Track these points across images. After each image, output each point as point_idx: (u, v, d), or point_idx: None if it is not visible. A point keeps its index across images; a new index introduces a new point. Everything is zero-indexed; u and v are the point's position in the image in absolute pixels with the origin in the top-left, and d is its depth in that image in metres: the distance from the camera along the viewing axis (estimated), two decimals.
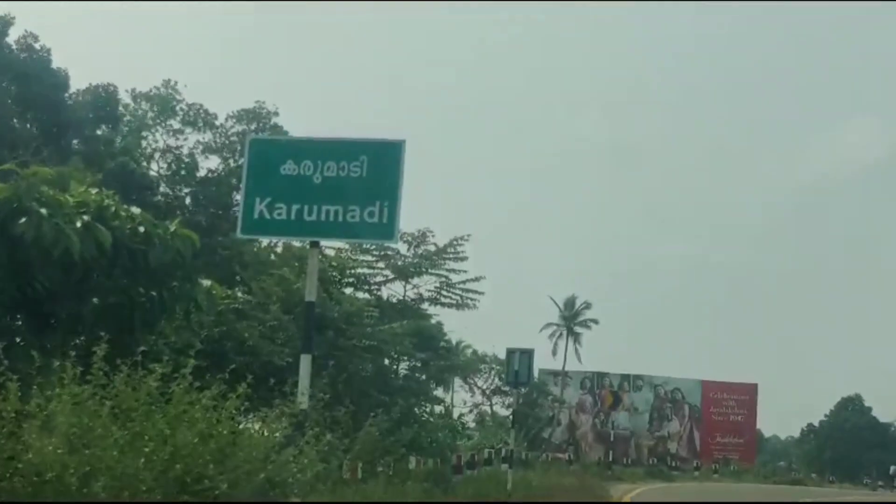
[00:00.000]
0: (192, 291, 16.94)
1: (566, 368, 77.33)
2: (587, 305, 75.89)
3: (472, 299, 33.13)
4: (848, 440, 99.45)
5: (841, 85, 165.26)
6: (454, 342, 63.29)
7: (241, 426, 8.92)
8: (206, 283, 17.47)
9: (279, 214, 10.93)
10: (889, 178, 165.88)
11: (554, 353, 75.67)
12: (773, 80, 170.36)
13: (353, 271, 32.31)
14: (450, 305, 33.40)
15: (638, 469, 54.01)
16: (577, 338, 75.92)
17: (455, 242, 32.65)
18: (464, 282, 32.93)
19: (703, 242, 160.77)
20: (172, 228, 16.21)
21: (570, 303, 76.15)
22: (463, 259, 32.89)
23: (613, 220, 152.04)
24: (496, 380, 65.17)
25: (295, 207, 10.93)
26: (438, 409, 51.29)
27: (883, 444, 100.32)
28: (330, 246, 32.76)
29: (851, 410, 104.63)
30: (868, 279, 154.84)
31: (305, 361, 10.74)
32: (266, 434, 8.99)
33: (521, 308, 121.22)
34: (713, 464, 68.62)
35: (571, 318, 75.55)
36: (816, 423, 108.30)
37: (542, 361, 75.86)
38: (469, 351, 71.43)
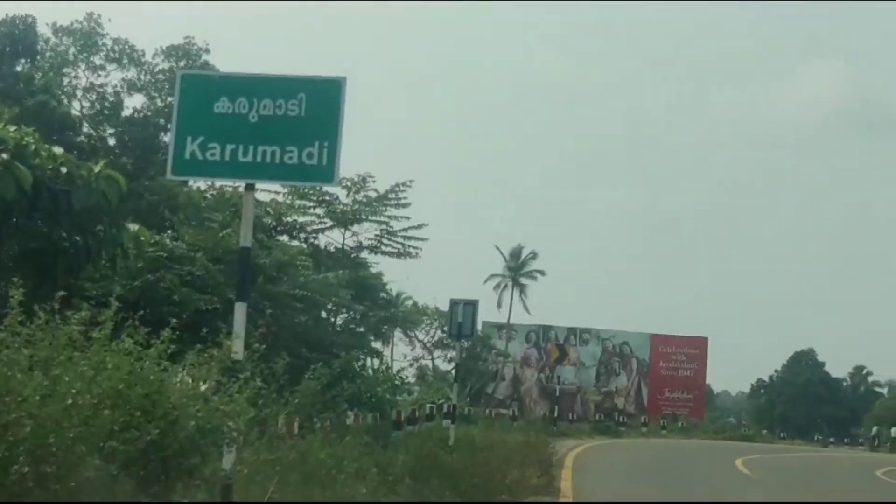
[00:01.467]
0: (118, 237, 16.83)
1: (511, 321, 77.80)
2: (533, 256, 76.40)
3: (414, 248, 33.23)
4: (800, 395, 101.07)
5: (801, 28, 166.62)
6: (394, 293, 63.59)
7: (167, 373, 8.87)
8: (134, 227, 17.37)
9: (212, 155, 10.76)
10: (852, 124, 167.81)
11: (499, 305, 76.21)
12: (733, 20, 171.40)
13: (289, 218, 32.18)
14: (391, 254, 33.45)
15: (584, 425, 54.65)
16: (522, 289, 76.41)
17: (397, 188, 32.62)
18: (405, 229, 32.95)
19: (654, 192, 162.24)
20: (97, 170, 16.05)
21: (515, 253, 76.53)
22: (405, 206, 32.92)
23: (562, 168, 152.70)
24: (438, 333, 65.36)
25: (229, 147, 10.77)
26: (377, 363, 51.60)
27: (835, 400, 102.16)
28: (265, 190, 32.64)
29: (804, 365, 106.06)
30: (823, 231, 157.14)
31: (240, 310, 10.68)
32: (193, 381, 8.96)
33: (464, 259, 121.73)
34: (661, 420, 69.56)
35: (517, 269, 75.93)
36: (767, 379, 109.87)
37: (487, 314, 76.21)
38: (410, 303, 71.66)
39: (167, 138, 45.25)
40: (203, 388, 9.27)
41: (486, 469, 18.13)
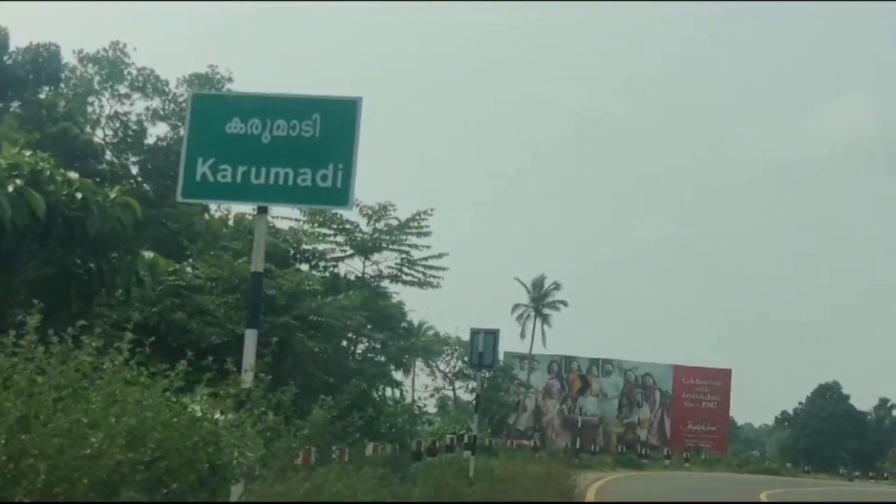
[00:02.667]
0: (133, 264, 16.54)
1: (533, 352, 77.16)
2: (556, 286, 75.73)
3: (435, 277, 32.74)
4: (824, 429, 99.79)
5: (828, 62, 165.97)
6: (416, 323, 63.15)
7: (183, 408, 8.45)
8: (149, 255, 17.07)
9: (223, 177, 10.40)
10: (874, 158, 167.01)
11: (522, 335, 75.54)
12: (758, 55, 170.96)
13: (308, 246, 31.84)
14: (412, 283, 32.98)
15: (606, 457, 53.96)
16: (545, 320, 75.75)
17: (418, 217, 32.16)
18: (426, 258, 32.48)
19: (679, 225, 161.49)
20: (112, 196, 15.78)
21: (538, 283, 75.92)
22: (426, 234, 32.44)
23: (586, 198, 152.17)
24: (459, 363, 64.84)
25: (241, 169, 10.41)
26: (397, 393, 51.13)
27: (860, 434, 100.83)
28: (284, 217, 32.35)
29: (829, 398, 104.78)
30: (848, 265, 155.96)
31: (251, 337, 10.33)
32: (208, 416, 8.54)
33: (487, 289, 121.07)
34: (684, 452, 68.74)
35: (540, 300, 75.32)
36: (791, 411, 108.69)
37: (509, 344, 75.75)
38: (431, 332, 71.16)
39: None
40: (220, 419, 8.88)
41: (506, 501, 17.68)
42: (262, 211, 11.04)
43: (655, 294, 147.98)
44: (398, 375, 56.85)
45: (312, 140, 10.48)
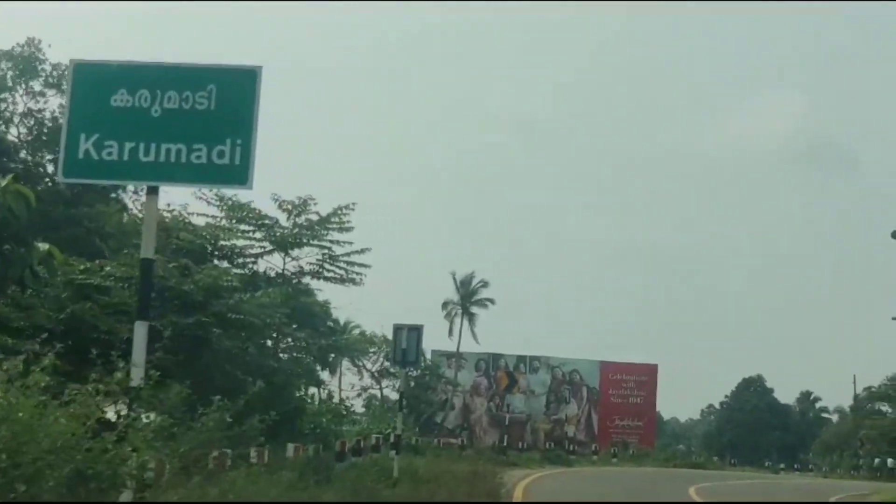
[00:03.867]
0: (27, 255, 15.37)
1: (461, 350, 76.43)
2: (484, 284, 75.01)
3: (357, 273, 31.72)
4: (748, 421, 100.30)
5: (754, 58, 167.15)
6: (342, 322, 62.03)
7: (47, 406, 7.40)
8: (44, 246, 15.88)
9: (109, 154, 9.32)
10: (800, 156, 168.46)
11: (450, 333, 74.71)
12: (685, 52, 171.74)
13: (226, 242, 30.70)
14: (333, 280, 31.92)
15: (534, 454, 53.22)
16: (472, 318, 74.99)
17: (340, 211, 31.14)
18: (348, 254, 31.47)
19: (605, 223, 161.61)
20: (3, 184, 14.63)
21: (466, 281, 75.14)
22: (348, 229, 31.43)
23: (513, 197, 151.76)
24: (386, 361, 63.90)
25: (128, 146, 9.34)
26: (324, 392, 50.00)
27: (783, 426, 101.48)
28: (202, 214, 31.15)
29: (753, 391, 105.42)
30: (772, 261, 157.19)
31: (141, 330, 9.27)
32: (77, 415, 7.49)
33: (414, 287, 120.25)
34: (612, 447, 68.36)
35: (467, 298, 74.54)
36: (717, 405, 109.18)
37: (437, 342, 75.02)
38: (357, 331, 70.08)
39: None
40: (109, 418, 7.85)
41: (430, 502, 16.75)
42: (153, 191, 9.95)
43: (582, 292, 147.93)
44: (325, 375, 56.03)
45: (207, 113, 9.45)
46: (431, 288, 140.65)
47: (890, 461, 72.76)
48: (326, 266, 31.62)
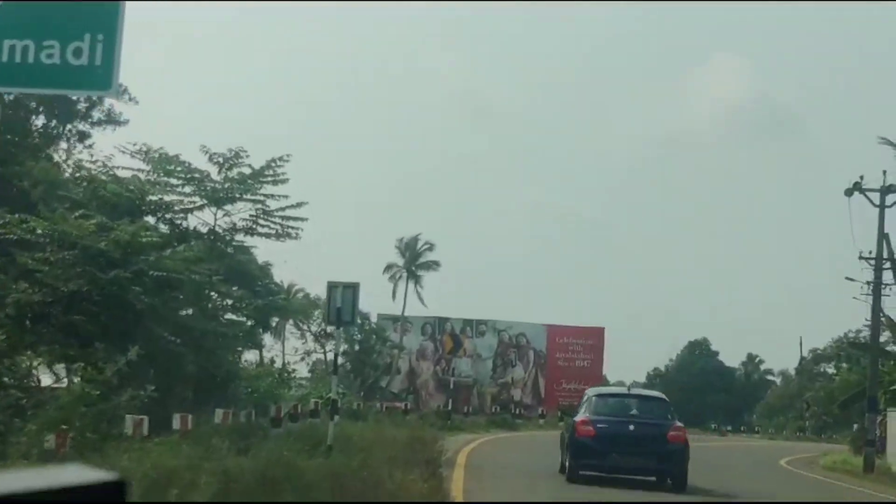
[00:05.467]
0: None
1: (407, 314, 74.84)
2: (429, 247, 73.34)
3: (293, 228, 29.70)
4: (694, 384, 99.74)
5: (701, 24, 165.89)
6: (285, 285, 60.06)
7: None
8: None
9: None
10: (746, 121, 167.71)
11: (394, 296, 72.97)
12: (631, 20, 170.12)
13: (153, 197, 28.63)
14: (268, 235, 29.89)
15: (480, 418, 51.63)
16: (418, 281, 73.31)
17: (273, 164, 29.12)
18: (283, 208, 29.45)
19: (553, 190, 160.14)
20: None
21: (411, 244, 73.41)
22: (283, 181, 29.41)
23: (461, 162, 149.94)
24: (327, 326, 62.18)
25: None
26: (258, 355, 48.16)
27: (728, 389, 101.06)
28: (126, 168, 29.07)
29: (698, 354, 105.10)
30: (717, 226, 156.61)
31: None
32: None
33: (358, 251, 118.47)
34: (558, 411, 66.97)
35: (412, 260, 72.80)
36: (663, 368, 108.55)
37: (382, 306, 73.61)
38: (301, 294, 68.18)
39: (39, 122, 41.64)
40: None
41: (362, 474, 14.94)
42: None
43: (529, 256, 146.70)
44: (269, 339, 54.05)
45: (61, 4, 7.50)
46: (377, 251, 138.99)
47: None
48: (261, 221, 29.60)
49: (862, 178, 35.97)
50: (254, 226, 29.70)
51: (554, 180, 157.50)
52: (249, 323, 38.02)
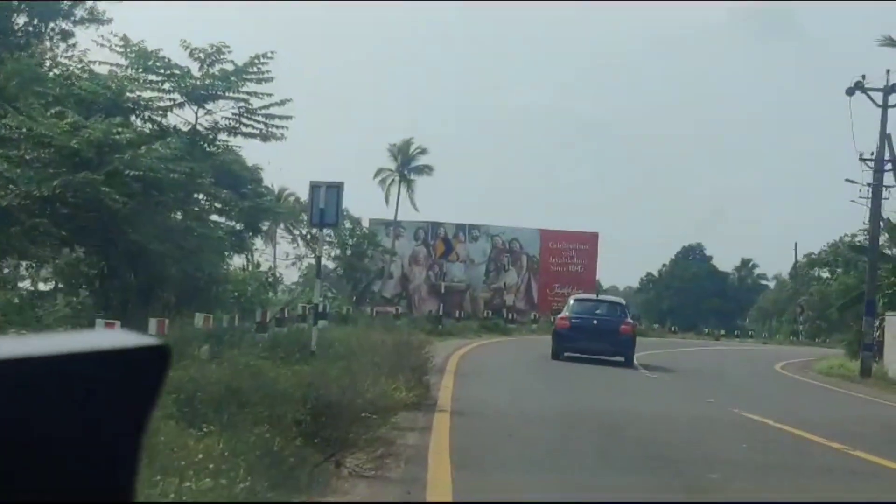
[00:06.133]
0: None
1: (400, 219, 73.82)
2: (422, 150, 72.01)
3: (278, 127, 28.43)
4: (688, 289, 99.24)
5: None
6: (276, 189, 58.84)
7: None
8: None
9: None
10: (741, 21, 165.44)
11: (386, 200, 71.82)
12: None
13: (132, 94, 27.38)
14: (252, 135, 28.65)
15: (472, 323, 50.78)
16: (410, 185, 72.06)
17: (257, 61, 27.77)
18: (267, 106, 28.15)
19: (547, 92, 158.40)
20: None
21: (403, 148, 72.02)
22: (267, 80, 28.09)
23: (452, 66, 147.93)
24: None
25: None
26: (247, 259, 47.17)
27: (721, 293, 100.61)
28: (104, 63, 27.82)
29: (692, 259, 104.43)
30: (713, 130, 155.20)
31: None
32: None
33: (350, 154, 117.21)
34: (551, 315, 66.25)
35: (405, 164, 71.47)
36: (656, 273, 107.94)
37: (374, 211, 72.67)
38: (293, 199, 67.10)
39: (21, 20, 40.20)
40: None
41: (343, 381, 13.98)
42: None
43: (523, 161, 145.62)
44: (259, 243, 52.95)
45: None
46: (370, 156, 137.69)
47: None
48: (244, 120, 28.32)
49: (864, 76, 34.79)
50: (237, 125, 28.46)
51: (549, 82, 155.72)
52: (238, 227, 37.04)
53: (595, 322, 30.93)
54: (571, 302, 33.81)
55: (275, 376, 11.67)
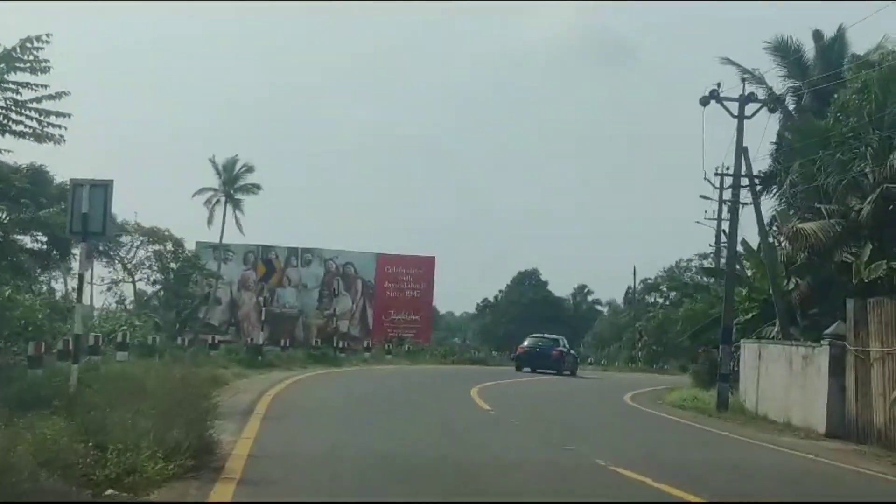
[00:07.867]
0: None
1: (228, 242, 68.52)
2: (249, 169, 66.63)
3: (54, 125, 23.14)
4: (524, 315, 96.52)
5: None
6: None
7: None
8: None
9: None
10: (580, 50, 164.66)
11: (210, 222, 66.21)
12: None
13: None
14: (23, 135, 23.32)
15: (298, 352, 45.88)
16: (237, 205, 66.58)
17: (28, 45, 22.59)
18: (38, 99, 22.90)
19: (384, 112, 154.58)
20: None
21: (229, 166, 66.56)
22: (44, 71, 22.87)
23: (289, 84, 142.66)
24: (139, 252, 55.49)
25: None
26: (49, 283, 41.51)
27: (558, 318, 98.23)
28: None
29: (528, 285, 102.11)
30: (548, 155, 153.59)
31: None
32: None
33: (173, 173, 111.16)
34: (386, 343, 61.90)
35: (231, 183, 66.01)
36: (492, 298, 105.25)
37: (199, 233, 67.60)
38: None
39: None
40: None
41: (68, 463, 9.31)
42: None
43: (358, 183, 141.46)
44: (73, 267, 47.09)
45: None
46: (190, 173, 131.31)
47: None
48: (13, 116, 23.02)
49: (719, 84, 31.49)
50: (6, 122, 23.13)
51: (383, 103, 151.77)
52: (39, 245, 31.92)
53: (538, 349, 50.46)
54: (526, 340, 52.96)
55: None
